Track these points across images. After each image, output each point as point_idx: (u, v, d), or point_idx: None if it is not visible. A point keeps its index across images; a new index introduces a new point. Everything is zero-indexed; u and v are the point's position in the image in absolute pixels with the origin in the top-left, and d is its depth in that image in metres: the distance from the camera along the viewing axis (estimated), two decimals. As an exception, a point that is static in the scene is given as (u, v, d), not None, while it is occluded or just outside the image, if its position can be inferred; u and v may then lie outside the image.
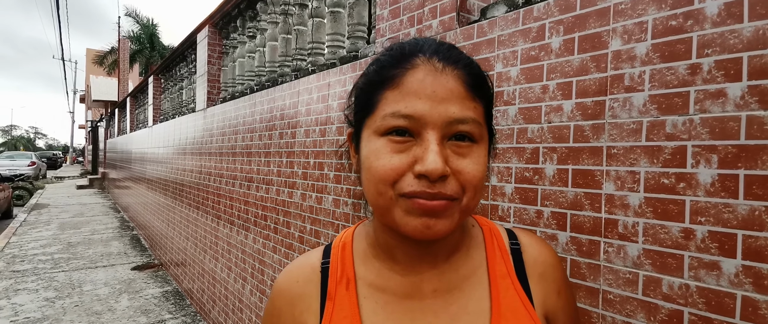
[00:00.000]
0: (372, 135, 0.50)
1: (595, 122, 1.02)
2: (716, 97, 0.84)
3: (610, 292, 0.98)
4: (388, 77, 0.50)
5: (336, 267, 0.59)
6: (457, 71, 0.49)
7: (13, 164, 18.53)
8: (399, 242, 0.55)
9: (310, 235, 2.20)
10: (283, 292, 0.60)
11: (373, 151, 0.49)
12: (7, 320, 3.73)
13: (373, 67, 0.53)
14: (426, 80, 0.48)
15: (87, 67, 31.06)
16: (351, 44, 2.17)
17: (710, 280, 0.84)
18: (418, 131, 0.47)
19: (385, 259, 0.57)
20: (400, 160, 0.47)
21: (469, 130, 0.48)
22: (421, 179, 0.46)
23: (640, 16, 0.95)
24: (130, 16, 20.70)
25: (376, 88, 0.51)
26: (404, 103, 0.47)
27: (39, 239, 6.98)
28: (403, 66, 0.49)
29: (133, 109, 9.45)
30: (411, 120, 0.47)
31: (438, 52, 0.50)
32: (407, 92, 0.48)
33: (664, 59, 0.91)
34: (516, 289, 0.56)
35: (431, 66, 0.48)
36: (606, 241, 0.99)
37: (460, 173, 0.47)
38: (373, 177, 0.48)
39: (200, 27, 4.22)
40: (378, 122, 0.49)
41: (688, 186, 0.87)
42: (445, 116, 0.47)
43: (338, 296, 0.56)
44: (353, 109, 0.56)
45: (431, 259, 0.56)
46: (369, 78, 0.53)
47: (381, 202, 0.49)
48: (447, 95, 0.47)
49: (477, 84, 0.50)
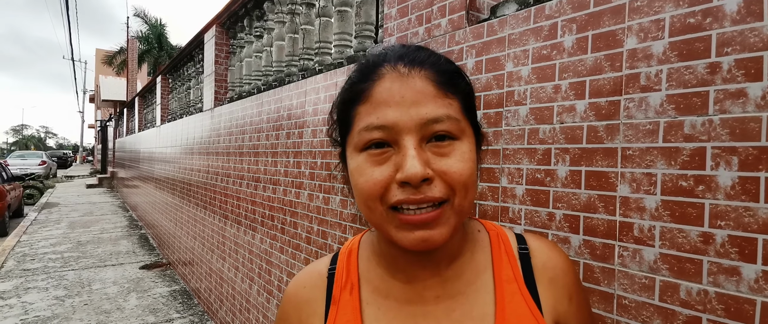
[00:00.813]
0: (353, 152, 0.50)
1: (610, 123, 1.00)
2: (736, 97, 0.81)
3: (625, 298, 0.96)
4: (359, 92, 0.49)
5: (341, 273, 0.59)
6: (424, 71, 0.48)
7: (24, 163, 18.77)
8: (400, 252, 0.54)
9: (317, 236, 2.19)
10: (291, 298, 0.62)
11: (356, 168, 0.49)
12: (17, 318, 3.77)
13: (346, 84, 0.53)
14: (393, 87, 0.47)
15: (96, 67, 31.38)
16: (358, 44, 2.15)
17: (730, 285, 0.81)
18: (395, 139, 0.46)
19: (388, 266, 0.57)
20: (382, 173, 0.46)
21: (446, 129, 0.46)
22: (405, 187, 0.45)
23: (657, 14, 0.92)
24: (138, 16, 20.88)
25: (350, 105, 0.50)
26: (376, 115, 0.47)
27: (49, 238, 7.05)
28: (370, 78, 0.49)
29: (142, 108, 9.52)
30: (385, 130, 0.46)
31: (402, 57, 0.49)
32: (377, 103, 0.47)
33: (682, 58, 0.88)
34: (523, 294, 0.54)
35: (396, 72, 0.48)
36: (621, 245, 0.97)
37: (445, 173, 0.46)
38: (360, 194, 0.48)
39: (207, 27, 4.23)
40: (356, 138, 0.49)
41: (707, 189, 0.84)
42: (418, 119, 0.46)
43: (342, 301, 0.56)
44: (336, 128, 0.56)
45: (433, 267, 0.55)
46: (343, 96, 0.53)
47: (374, 219, 0.49)
48: (416, 97, 0.46)
49: (448, 80, 0.49)
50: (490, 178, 1.28)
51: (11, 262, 5.58)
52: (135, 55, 16.33)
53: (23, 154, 21.87)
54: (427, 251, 0.51)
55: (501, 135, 1.25)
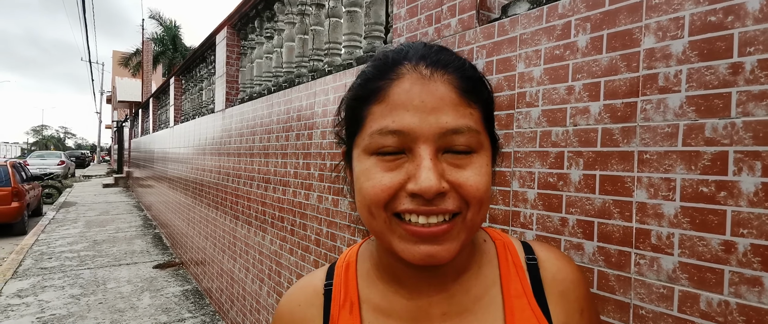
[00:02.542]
0: (362, 154, 0.46)
1: (626, 125, 0.96)
2: (760, 99, 0.77)
3: (641, 308, 0.92)
4: (374, 90, 0.46)
5: (339, 289, 0.55)
6: (448, 76, 0.45)
7: (43, 163, 19.19)
8: (403, 265, 0.51)
9: (326, 238, 2.18)
10: (284, 316, 0.58)
11: (363, 171, 0.45)
12: (33, 317, 3.84)
13: (359, 80, 0.49)
14: (413, 90, 0.43)
15: (113, 69, 31.94)
16: (368, 44, 2.13)
17: (752, 296, 0.77)
18: (410, 146, 0.43)
19: (390, 281, 0.53)
20: (392, 179, 0.43)
21: (466, 142, 0.43)
22: (416, 198, 0.42)
23: (676, 12, 0.89)
24: (153, 18, 21.19)
25: (362, 103, 0.47)
26: (391, 118, 0.43)
27: (66, 237, 7.19)
28: (388, 77, 0.45)
29: (156, 109, 9.65)
30: (400, 135, 0.43)
31: (425, 57, 0.46)
32: (394, 105, 0.44)
33: (703, 58, 0.84)
34: (532, 309, 0.51)
35: (418, 74, 0.44)
36: (637, 253, 0.93)
37: (461, 186, 0.43)
38: (364, 199, 0.45)
39: (219, 28, 4.26)
40: (366, 140, 0.45)
41: (729, 195, 0.80)
42: (437, 127, 0.42)
43: (341, 321, 0.53)
44: (343, 125, 0.52)
45: (439, 282, 0.52)
46: (355, 92, 0.49)
47: (375, 227, 0.45)
48: (437, 104, 0.43)
49: (471, 88, 0.46)
50: (501, 182, 1.25)
51: (29, 260, 5.69)
52: (150, 57, 16.57)
53: (43, 154, 22.36)
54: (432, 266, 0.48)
55: (512, 137, 1.22)
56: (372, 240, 0.58)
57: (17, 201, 7.71)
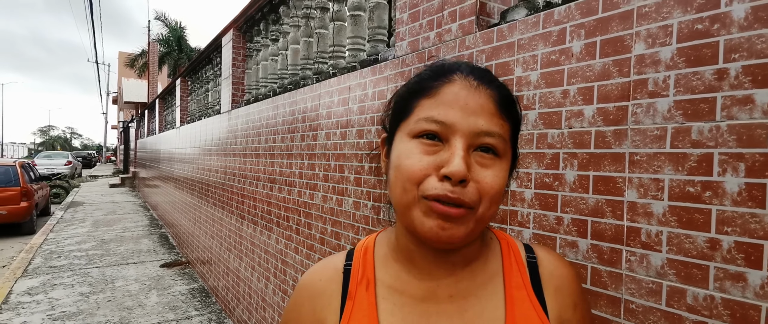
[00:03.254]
0: (405, 137, 0.54)
1: (618, 128, 1.00)
2: (744, 103, 0.81)
3: (632, 302, 0.96)
4: (427, 87, 0.54)
5: (358, 269, 0.62)
6: (490, 90, 0.53)
7: (51, 163, 19.39)
8: (418, 246, 0.57)
9: (330, 237, 2.23)
10: (306, 288, 0.64)
11: (404, 151, 0.52)
12: (44, 314, 3.92)
13: (415, 78, 0.58)
14: (460, 93, 0.52)
15: (119, 70, 32.17)
16: (371, 47, 2.18)
17: (736, 291, 0.81)
18: (447, 137, 0.51)
19: (405, 262, 0.59)
20: (428, 162, 0.50)
21: (494, 144, 0.51)
22: (445, 181, 0.49)
23: (665, 20, 0.93)
24: (159, 19, 21.33)
25: (414, 96, 0.55)
26: (438, 111, 0.51)
27: (74, 236, 7.29)
28: (441, 79, 0.54)
29: (162, 110, 9.75)
30: (442, 125, 0.50)
31: (474, 72, 0.55)
32: (442, 101, 0.52)
33: (690, 64, 0.88)
34: (531, 300, 0.58)
35: (467, 82, 0.53)
36: (628, 250, 0.97)
37: (480, 182, 0.50)
38: (401, 174, 0.51)
39: (225, 30, 4.32)
40: (412, 125, 0.53)
41: (714, 195, 0.84)
42: (474, 127, 0.50)
43: (358, 296, 0.59)
44: (390, 114, 0.60)
45: (449, 266, 0.58)
46: (409, 87, 0.57)
47: (405, 200, 0.52)
48: (478, 109, 0.51)
49: (506, 105, 0.54)
50: (500, 182, 1.29)
51: (39, 259, 5.79)
52: (156, 58, 16.71)
53: (50, 155, 22.59)
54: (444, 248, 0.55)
55: (510, 139, 1.26)
56: (390, 229, 0.64)
57: (26, 201, 7.82)
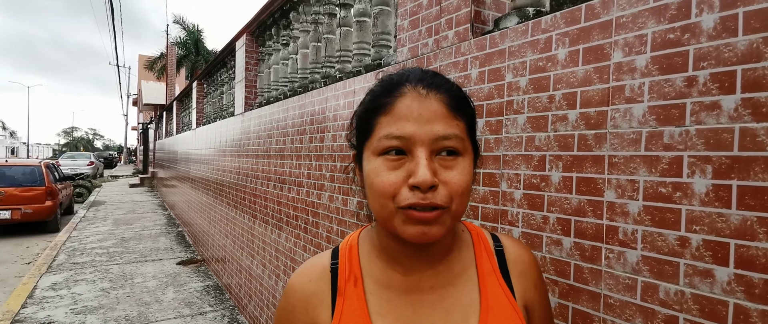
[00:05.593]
0: (371, 155, 0.58)
1: (598, 132, 1.05)
2: (711, 109, 0.86)
3: (610, 297, 1.01)
4: (381, 105, 0.58)
5: (344, 267, 0.67)
6: (440, 95, 0.57)
7: (74, 164, 19.98)
8: (400, 246, 0.63)
9: (337, 236, 2.31)
10: (297, 291, 0.67)
11: (373, 169, 0.56)
12: (67, 308, 4.10)
13: (369, 96, 0.62)
14: (412, 105, 0.56)
15: (139, 72, 32.94)
16: (375, 53, 2.25)
17: (704, 287, 0.86)
18: (410, 149, 0.55)
19: (388, 260, 0.65)
20: (396, 176, 0.54)
21: (453, 145, 0.55)
22: (415, 190, 0.54)
23: (641, 29, 0.98)
24: (177, 23, 21.80)
25: (372, 115, 0.59)
26: (396, 126, 0.55)
27: (96, 234, 7.54)
28: (393, 94, 0.57)
29: (179, 112, 9.99)
30: (402, 140, 0.55)
31: (422, 80, 0.58)
32: (398, 116, 0.56)
33: (663, 71, 0.93)
34: (500, 284, 0.65)
35: (417, 93, 0.57)
36: (607, 247, 1.02)
37: (447, 183, 0.55)
38: (375, 192, 0.56)
39: (238, 35, 4.45)
40: (375, 144, 0.57)
41: (684, 195, 0.89)
42: (431, 134, 0.54)
43: (348, 292, 0.64)
44: (355, 133, 0.65)
45: (428, 260, 0.64)
46: (365, 106, 0.61)
47: (384, 214, 0.57)
48: (431, 116, 0.55)
49: (458, 105, 0.58)
50: (491, 183, 1.35)
51: (62, 256, 6.02)
52: (174, 61, 17.09)
53: (73, 155, 23.25)
54: (425, 245, 0.61)
55: (501, 142, 1.32)
56: (371, 228, 0.70)
57: (51, 199, 8.12)
